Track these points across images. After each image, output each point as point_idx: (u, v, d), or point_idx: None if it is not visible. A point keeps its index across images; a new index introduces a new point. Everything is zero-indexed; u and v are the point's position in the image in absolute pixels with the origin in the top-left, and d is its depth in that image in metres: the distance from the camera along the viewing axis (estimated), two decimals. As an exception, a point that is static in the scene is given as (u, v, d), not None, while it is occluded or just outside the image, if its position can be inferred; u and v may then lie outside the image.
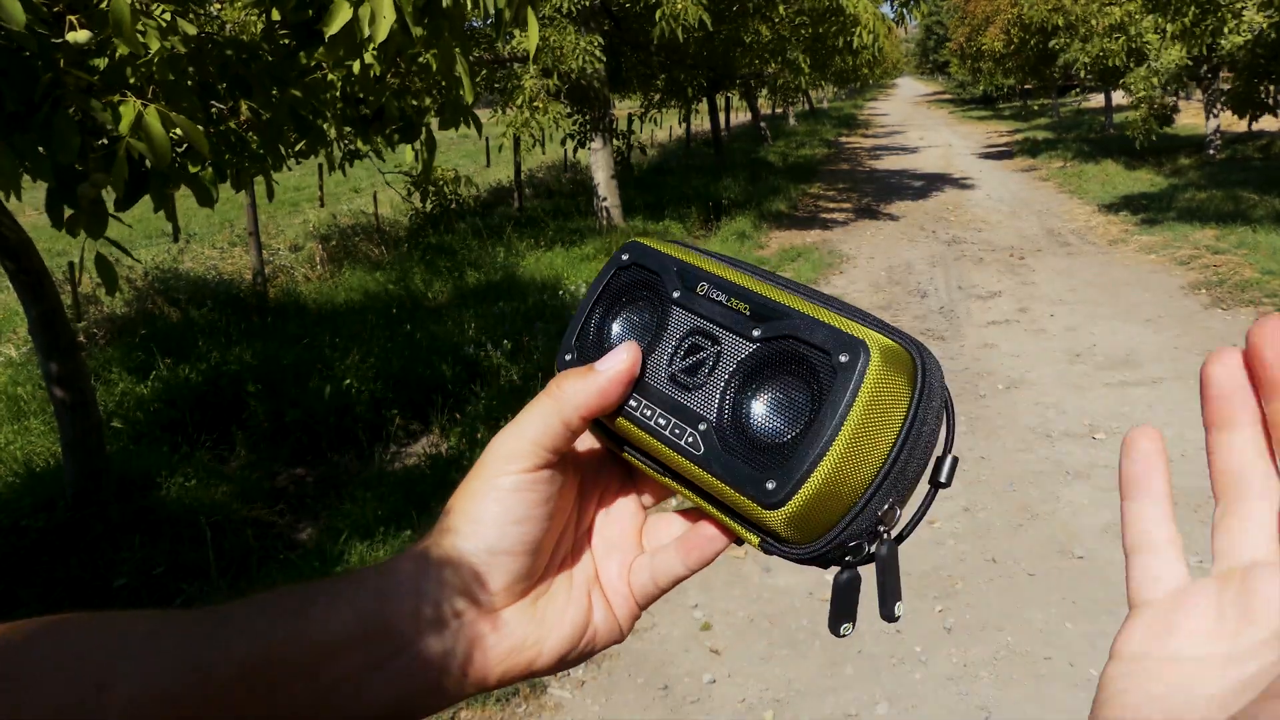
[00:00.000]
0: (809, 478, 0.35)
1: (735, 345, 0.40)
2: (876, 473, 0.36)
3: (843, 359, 0.36)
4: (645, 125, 15.79)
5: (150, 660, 0.38)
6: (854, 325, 0.37)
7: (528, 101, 8.75)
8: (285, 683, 0.39)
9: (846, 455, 0.35)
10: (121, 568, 3.50)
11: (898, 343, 0.37)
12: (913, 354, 0.37)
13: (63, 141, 1.61)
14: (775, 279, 0.42)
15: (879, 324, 0.38)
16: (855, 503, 0.36)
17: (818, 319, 0.37)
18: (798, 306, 0.39)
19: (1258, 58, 12.15)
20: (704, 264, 0.43)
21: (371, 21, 1.73)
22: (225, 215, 11.47)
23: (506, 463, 0.41)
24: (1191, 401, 4.91)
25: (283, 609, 0.40)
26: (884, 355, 0.36)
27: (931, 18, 52.40)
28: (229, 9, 3.33)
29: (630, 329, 0.44)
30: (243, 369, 5.24)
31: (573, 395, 0.41)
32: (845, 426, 0.35)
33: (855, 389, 0.35)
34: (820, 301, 0.39)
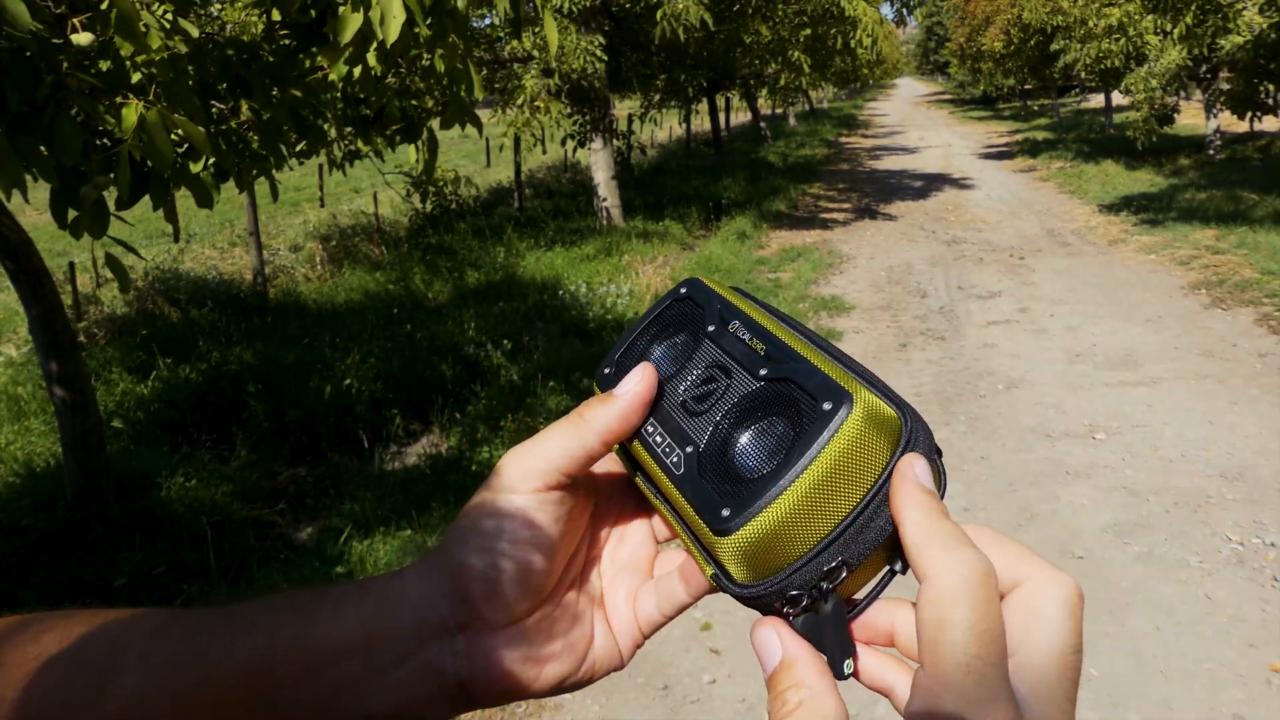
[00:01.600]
0: (761, 512, 0.35)
1: (743, 381, 0.40)
2: (834, 527, 0.36)
3: (826, 407, 0.36)
4: (645, 125, 15.79)
5: (156, 655, 0.39)
6: (850, 380, 0.37)
7: (528, 101, 8.75)
8: (288, 684, 0.39)
9: (805, 500, 0.35)
10: (122, 568, 3.51)
11: (890, 406, 0.37)
12: (904, 421, 0.37)
13: (66, 143, 1.61)
14: (803, 330, 0.43)
15: (881, 387, 0.38)
16: (805, 552, 0.36)
17: (819, 368, 0.38)
18: (808, 355, 0.39)
19: (1258, 58, 12.15)
20: (744, 306, 0.44)
21: (381, 23, 1.73)
22: (225, 215, 11.47)
23: (520, 480, 0.41)
24: (1191, 401, 4.92)
25: (289, 612, 0.41)
26: (868, 412, 0.36)
27: (931, 18, 52.40)
28: (229, 9, 3.33)
29: (666, 354, 0.45)
30: (243, 369, 5.24)
31: (595, 420, 0.41)
32: (808, 472, 0.35)
33: (828, 438, 0.35)
34: (834, 357, 0.40)
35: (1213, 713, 2.62)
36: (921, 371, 5.66)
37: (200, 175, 2.26)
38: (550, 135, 9.70)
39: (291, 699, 0.39)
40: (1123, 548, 3.50)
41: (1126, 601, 3.15)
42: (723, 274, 8.24)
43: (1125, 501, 3.87)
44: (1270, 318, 6.30)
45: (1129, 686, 2.74)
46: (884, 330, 6.57)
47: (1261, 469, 4.08)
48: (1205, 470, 4.10)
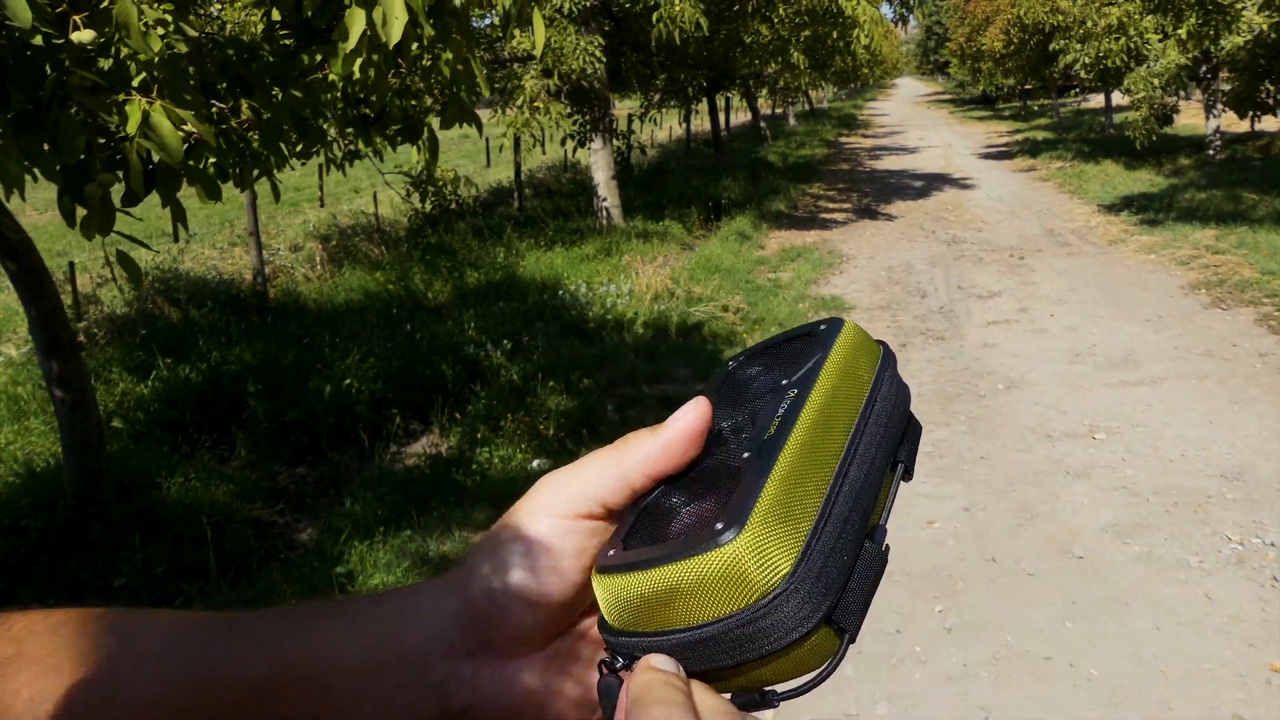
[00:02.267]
0: (619, 574, 0.36)
1: (735, 448, 0.39)
2: (671, 629, 0.36)
3: (717, 526, 0.35)
4: (645, 125, 15.79)
5: (169, 663, 0.38)
6: (758, 528, 0.35)
7: (528, 102, 8.75)
8: (299, 701, 0.38)
9: (659, 588, 0.35)
10: (122, 567, 3.51)
11: (771, 576, 0.35)
12: (765, 601, 0.35)
13: (69, 142, 1.61)
14: (855, 448, 0.39)
15: (816, 558, 0.36)
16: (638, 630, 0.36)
17: (760, 495, 0.36)
18: (776, 477, 0.37)
19: (1258, 58, 12.15)
20: (832, 378, 0.41)
21: (384, 23, 1.73)
22: (225, 215, 11.48)
23: (552, 506, 0.39)
24: (1191, 401, 4.92)
25: (301, 626, 0.40)
26: (723, 568, 0.35)
27: (931, 18, 52.40)
28: (229, 9, 3.33)
29: (762, 384, 0.43)
30: (243, 369, 5.24)
31: (637, 450, 0.38)
32: (663, 570, 0.35)
33: (680, 559, 0.35)
34: (826, 502, 0.37)
35: (1213, 713, 2.62)
36: (921, 371, 5.66)
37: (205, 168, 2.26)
38: (550, 135, 9.70)
39: (303, 715, 0.39)
40: (1123, 548, 3.50)
41: (1126, 601, 3.16)
42: (723, 274, 8.24)
43: (1125, 501, 3.87)
44: (1270, 318, 6.30)
45: (1129, 686, 2.74)
46: (884, 330, 6.57)
47: (1261, 469, 4.08)
48: (1205, 470, 4.10)
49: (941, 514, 3.85)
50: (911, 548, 3.60)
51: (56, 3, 1.71)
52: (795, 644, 0.35)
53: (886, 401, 0.42)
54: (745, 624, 0.35)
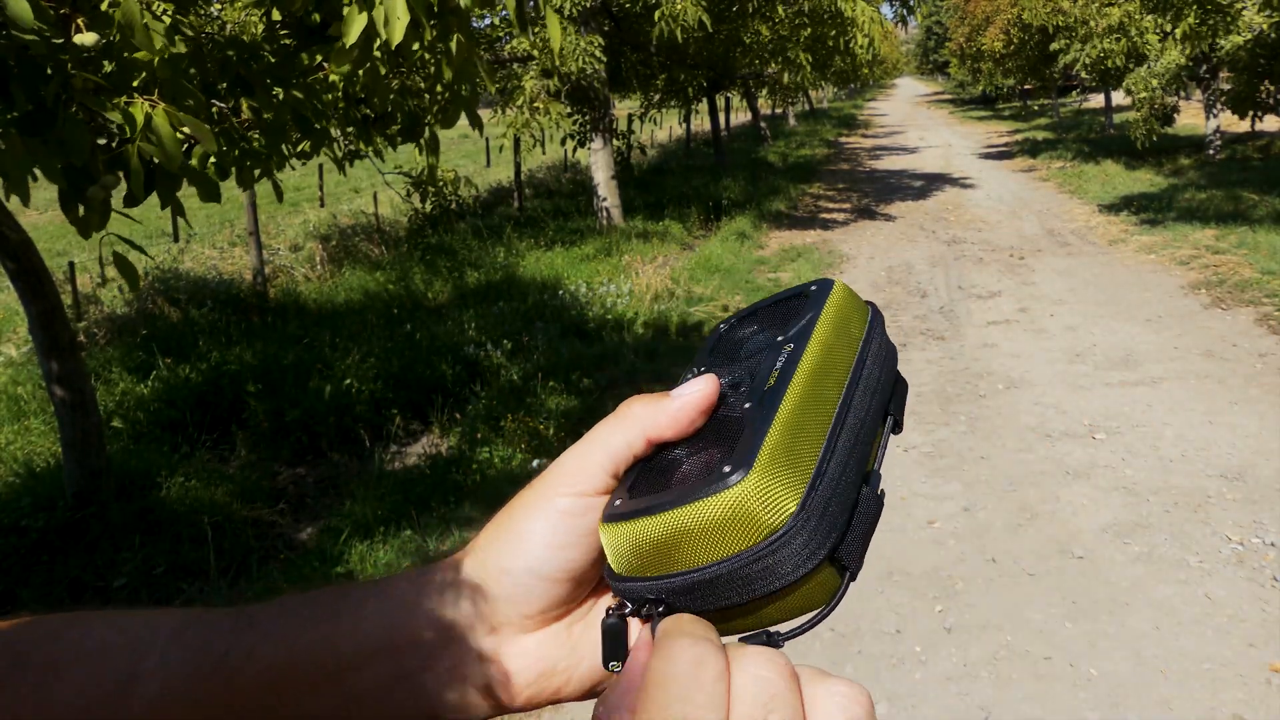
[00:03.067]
0: (629, 521, 0.37)
1: (736, 401, 0.40)
2: (679, 571, 0.37)
3: (725, 470, 0.36)
4: (645, 125, 15.80)
5: (177, 658, 0.38)
6: (768, 468, 0.36)
7: (528, 102, 8.75)
8: (310, 689, 0.38)
9: (668, 530, 0.36)
10: (122, 567, 3.51)
11: (777, 515, 0.36)
12: (777, 535, 0.36)
13: (73, 143, 1.61)
14: (854, 395, 0.41)
15: (819, 502, 0.37)
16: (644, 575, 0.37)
17: (764, 441, 0.37)
18: (779, 422, 0.38)
19: (1257, 58, 12.15)
20: (826, 334, 0.42)
21: (385, 23, 1.73)
22: (225, 215, 11.48)
23: (567, 484, 0.39)
24: (1191, 401, 4.92)
25: (311, 614, 0.40)
26: (734, 507, 0.36)
27: (931, 18, 52.42)
28: (229, 9, 3.33)
29: (757, 342, 0.44)
30: (243, 369, 5.24)
31: (640, 421, 0.39)
32: (671, 514, 0.36)
33: (693, 500, 0.36)
34: (829, 439, 0.39)
35: (1213, 713, 2.62)
36: (921, 371, 5.66)
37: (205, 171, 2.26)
38: (550, 136, 9.70)
39: (315, 704, 0.38)
40: (1123, 548, 3.50)
41: (1126, 601, 3.16)
42: (723, 274, 8.24)
43: (1125, 501, 3.87)
44: (1270, 318, 6.30)
45: (1129, 686, 2.74)
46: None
47: (1261, 469, 4.08)
48: (1205, 470, 4.10)
49: (941, 514, 3.86)
50: (911, 548, 3.60)
51: (59, 4, 1.71)
52: (801, 581, 0.36)
53: (877, 357, 0.43)
54: (753, 562, 0.36)
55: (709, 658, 0.31)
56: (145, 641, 0.39)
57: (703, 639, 0.32)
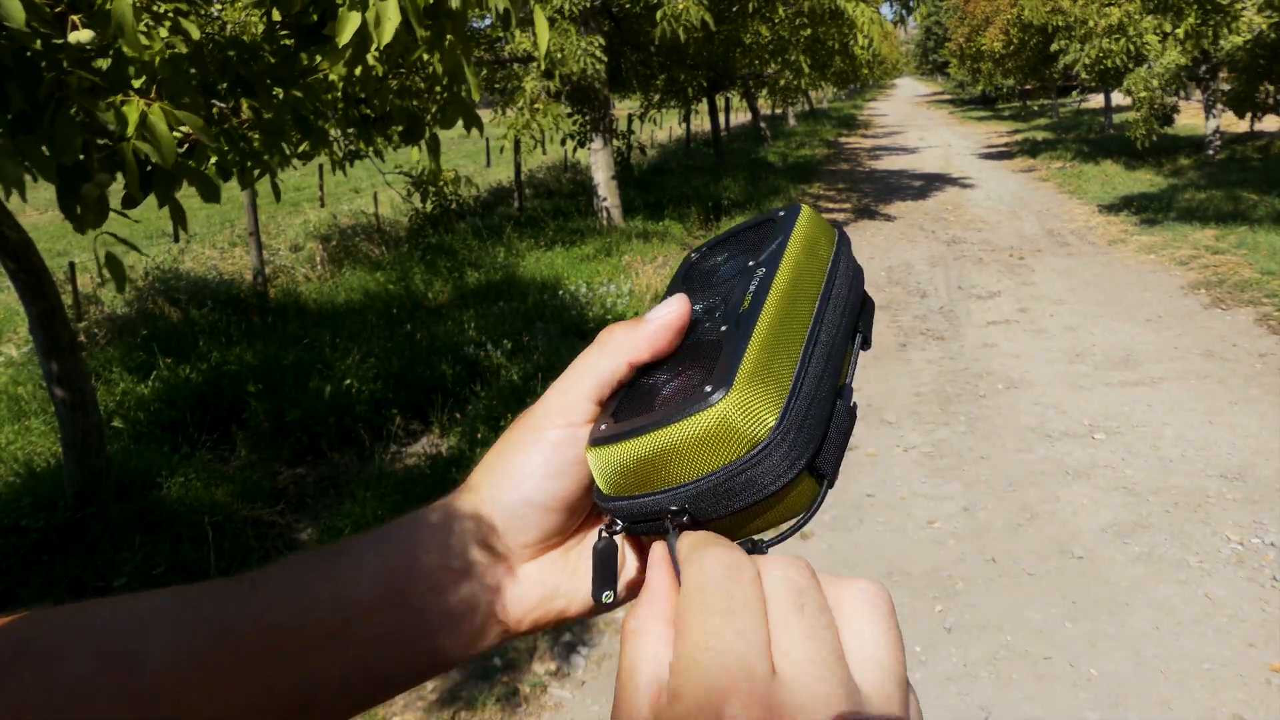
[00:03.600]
0: (618, 443, 0.38)
1: (713, 325, 0.41)
2: (677, 484, 0.38)
3: (706, 389, 0.37)
4: (645, 125, 15.80)
5: (181, 626, 0.39)
6: (750, 383, 0.37)
7: (528, 103, 8.75)
8: (319, 645, 0.39)
9: (655, 449, 0.38)
10: (122, 567, 3.51)
11: (759, 428, 0.37)
12: (760, 448, 0.37)
13: (66, 142, 1.61)
14: (824, 314, 0.42)
15: (798, 410, 0.38)
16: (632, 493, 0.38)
17: (745, 357, 0.38)
18: (757, 339, 0.39)
19: (1257, 58, 12.15)
20: (797, 255, 0.44)
21: (376, 24, 1.74)
22: (225, 215, 11.48)
23: (555, 415, 0.41)
24: (1191, 401, 4.92)
25: (313, 572, 0.40)
26: (720, 420, 0.37)
27: (931, 18, 52.42)
28: (230, 9, 3.33)
29: (729, 268, 0.46)
30: (243, 369, 5.24)
31: (619, 346, 0.41)
32: (659, 433, 0.37)
33: (678, 419, 0.37)
34: (803, 354, 0.40)
35: (1213, 713, 2.62)
36: (921, 371, 5.66)
37: (205, 170, 2.26)
38: (550, 136, 9.70)
39: (323, 660, 0.39)
40: (1123, 548, 3.50)
41: (1126, 601, 3.16)
42: (723, 274, 8.23)
43: (1125, 501, 3.87)
44: (1270, 318, 6.30)
45: (1129, 686, 2.74)
46: (884, 330, 6.57)
47: (1261, 469, 4.08)
48: (1205, 470, 4.10)
49: (941, 514, 3.85)
50: (911, 548, 3.60)
51: (55, 2, 1.71)
52: (783, 490, 0.38)
53: (845, 277, 0.45)
54: (737, 474, 0.37)
55: (742, 563, 0.33)
56: (148, 618, 0.39)
57: (732, 547, 0.34)
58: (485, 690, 2.84)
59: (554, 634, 3.10)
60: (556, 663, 2.98)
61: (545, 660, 2.99)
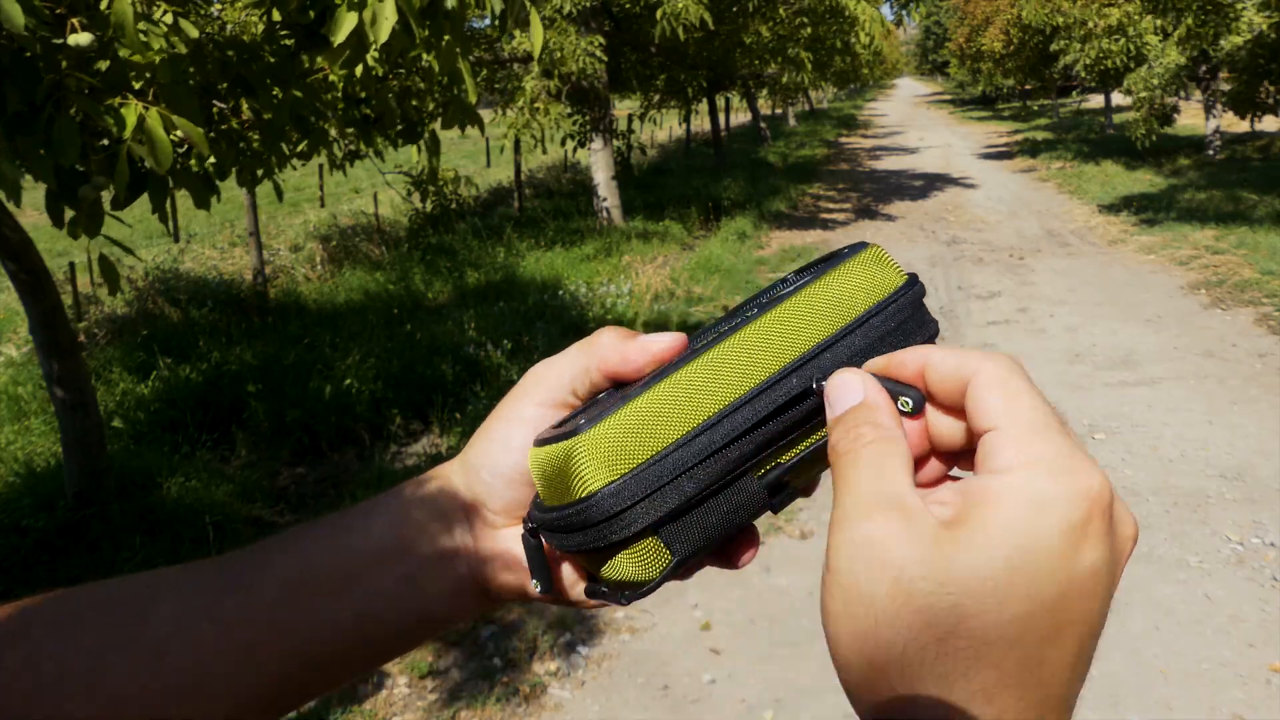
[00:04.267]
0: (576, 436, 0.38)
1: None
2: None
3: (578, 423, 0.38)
4: (645, 125, 15.80)
5: (190, 588, 0.41)
6: (603, 428, 0.37)
7: (528, 103, 8.75)
8: (326, 596, 0.41)
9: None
10: (123, 567, 3.51)
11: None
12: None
13: (64, 144, 1.61)
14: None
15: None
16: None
17: (626, 399, 0.38)
18: (670, 377, 0.39)
19: (1257, 58, 12.15)
20: (802, 296, 0.40)
21: (373, 23, 1.74)
22: (225, 215, 11.48)
23: (532, 394, 0.43)
24: (1191, 401, 4.92)
25: (322, 532, 0.43)
26: (589, 443, 0.37)
27: (931, 18, 52.42)
28: (229, 9, 3.33)
29: (749, 305, 0.44)
30: (243, 369, 5.24)
31: (599, 351, 0.42)
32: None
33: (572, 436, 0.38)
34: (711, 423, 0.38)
35: (1213, 713, 2.62)
36: (921, 371, 5.66)
37: (198, 174, 2.26)
38: (550, 136, 9.70)
39: (329, 613, 0.41)
40: (1122, 548, 3.50)
41: (1126, 601, 3.16)
42: (723, 274, 8.24)
43: (1125, 501, 3.87)
44: (1270, 318, 6.30)
45: (1129, 686, 2.74)
46: (884, 330, 6.57)
47: (1261, 469, 4.08)
48: (1205, 470, 4.10)
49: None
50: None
51: (55, 4, 1.71)
52: (620, 545, 0.37)
53: (873, 333, 0.39)
54: (573, 516, 0.37)
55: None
56: (156, 581, 0.41)
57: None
58: (485, 690, 2.84)
59: (554, 634, 3.11)
60: (556, 663, 2.98)
61: (545, 660, 2.99)
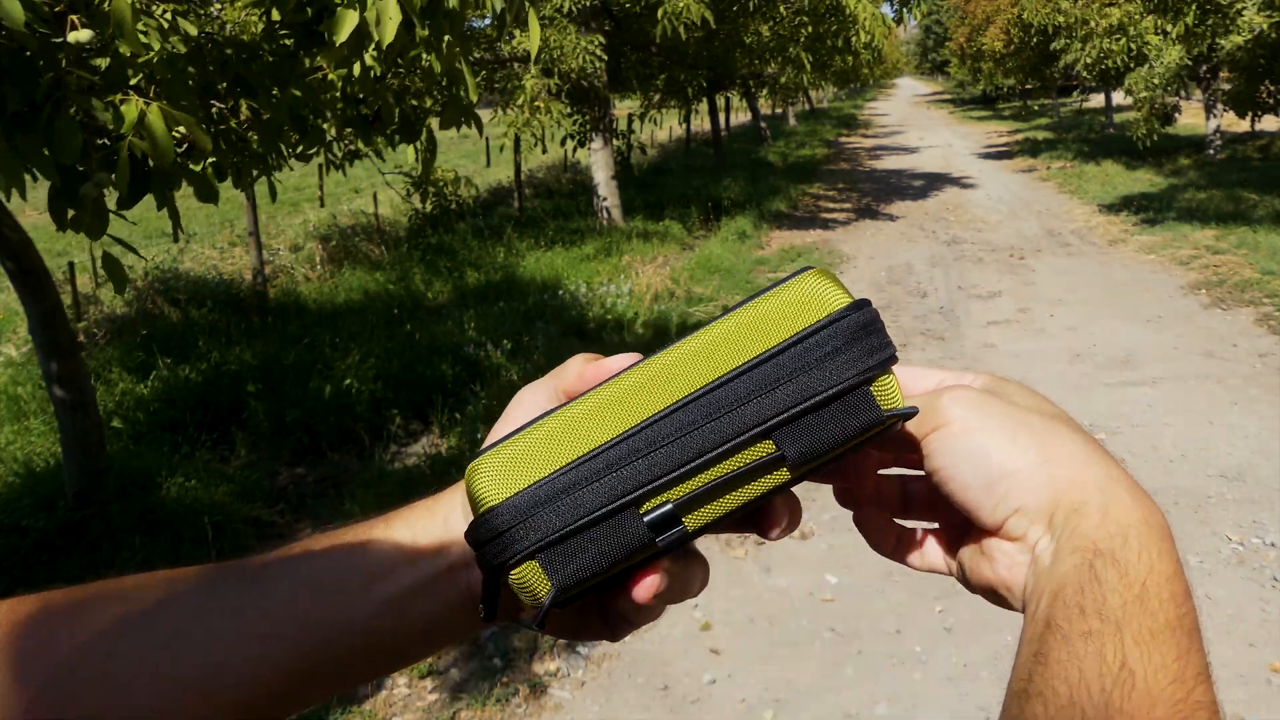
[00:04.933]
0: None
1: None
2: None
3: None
4: (645, 125, 15.79)
5: (208, 579, 0.42)
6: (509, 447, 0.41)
7: (528, 102, 8.75)
8: (344, 596, 0.42)
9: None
10: (123, 567, 3.51)
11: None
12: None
13: (65, 141, 1.61)
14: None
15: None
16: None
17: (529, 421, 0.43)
18: (569, 408, 0.43)
19: (1258, 58, 12.15)
20: (727, 319, 0.42)
21: (377, 23, 1.74)
22: (225, 215, 11.47)
23: (513, 415, 0.45)
24: (1191, 401, 4.91)
25: (343, 533, 0.45)
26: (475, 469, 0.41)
27: (931, 17, 52.41)
28: (229, 9, 3.33)
29: None
30: (243, 369, 5.24)
31: (564, 372, 0.46)
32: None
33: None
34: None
35: (1213, 712, 2.62)
36: (921, 371, 5.65)
37: (198, 175, 2.25)
38: (550, 135, 9.70)
39: (347, 611, 0.42)
40: (1123, 547, 3.50)
41: (1126, 601, 3.15)
42: (723, 274, 8.24)
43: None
44: (1270, 318, 6.30)
45: (1129, 686, 2.74)
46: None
47: (1261, 469, 4.08)
48: (1205, 470, 4.10)
49: (941, 514, 3.85)
50: (911, 548, 3.60)
51: (55, 2, 1.71)
52: (508, 567, 0.37)
53: (790, 363, 0.37)
54: (472, 530, 0.38)
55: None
56: (173, 576, 0.42)
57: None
58: (485, 690, 2.84)
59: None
60: (556, 663, 2.98)
61: (545, 660, 2.99)
